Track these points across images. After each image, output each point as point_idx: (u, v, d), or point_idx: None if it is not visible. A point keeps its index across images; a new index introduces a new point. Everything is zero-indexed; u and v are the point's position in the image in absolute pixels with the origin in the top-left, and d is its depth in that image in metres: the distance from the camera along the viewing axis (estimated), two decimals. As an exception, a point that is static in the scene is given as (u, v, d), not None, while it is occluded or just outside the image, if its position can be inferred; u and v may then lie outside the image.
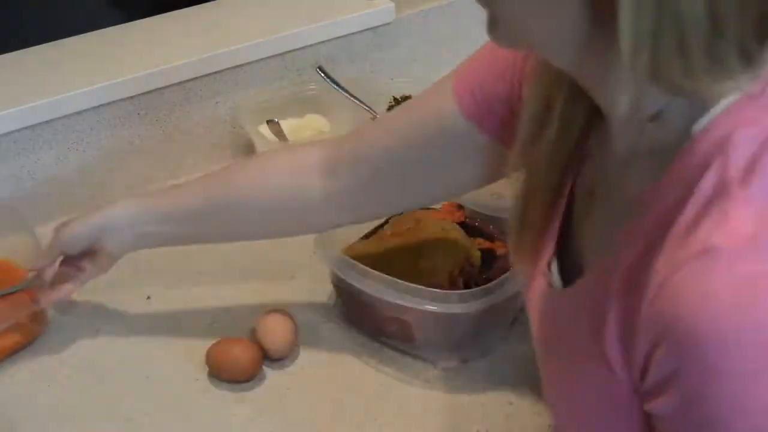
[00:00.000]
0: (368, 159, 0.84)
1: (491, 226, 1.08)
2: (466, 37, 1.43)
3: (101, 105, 1.16)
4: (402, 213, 1.04)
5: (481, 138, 0.76)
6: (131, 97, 1.18)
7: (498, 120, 0.75)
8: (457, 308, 0.89)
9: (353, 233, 1.06)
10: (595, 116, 0.61)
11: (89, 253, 0.95)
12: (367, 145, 0.85)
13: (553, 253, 0.67)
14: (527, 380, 0.95)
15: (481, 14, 0.56)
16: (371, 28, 1.35)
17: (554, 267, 0.66)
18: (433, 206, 1.08)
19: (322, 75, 1.27)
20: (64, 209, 1.20)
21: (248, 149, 1.32)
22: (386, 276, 0.91)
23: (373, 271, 0.92)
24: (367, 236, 1.06)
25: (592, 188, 0.64)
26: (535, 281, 0.69)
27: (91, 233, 0.92)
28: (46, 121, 1.13)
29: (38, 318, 1.00)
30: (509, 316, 1.00)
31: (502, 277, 0.91)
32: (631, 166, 0.58)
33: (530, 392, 0.93)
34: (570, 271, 0.65)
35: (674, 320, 0.48)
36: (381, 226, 1.06)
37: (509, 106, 0.73)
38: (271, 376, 0.95)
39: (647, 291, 0.50)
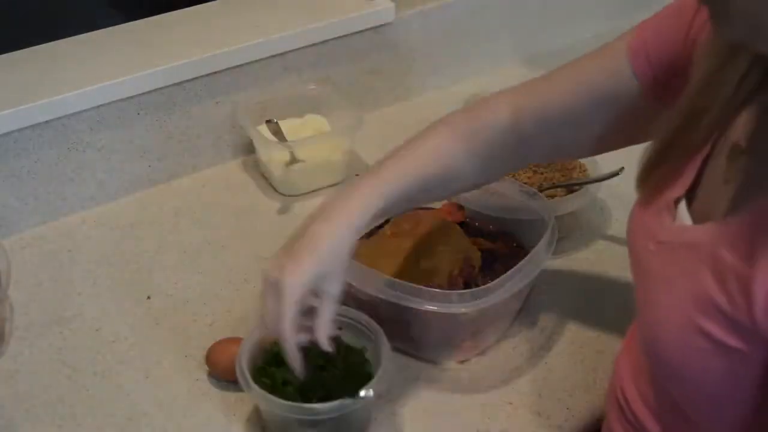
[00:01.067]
0: (544, 109, 0.85)
1: (491, 226, 1.09)
2: (465, 36, 1.44)
3: (101, 105, 1.16)
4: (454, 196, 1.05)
5: (642, 98, 0.78)
6: (131, 97, 1.18)
7: (664, 83, 0.77)
8: (457, 308, 0.89)
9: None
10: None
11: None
12: (539, 96, 0.86)
13: (685, 192, 0.69)
14: (527, 380, 0.95)
15: (480, 14, 0.56)
16: (371, 28, 1.35)
17: (683, 205, 0.69)
18: (442, 201, 1.08)
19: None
20: (63, 210, 1.20)
21: (248, 149, 1.32)
22: (386, 276, 0.91)
23: (373, 271, 0.92)
24: (367, 236, 1.06)
25: (739, 141, 0.66)
26: (651, 213, 0.72)
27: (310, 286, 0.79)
28: (46, 121, 1.13)
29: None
30: (509, 316, 1.00)
31: (502, 277, 0.91)
32: None
33: (530, 392, 0.93)
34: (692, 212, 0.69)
35: None
36: (381, 226, 1.06)
37: (678, 69, 0.75)
38: (271, 376, 0.95)
39: None
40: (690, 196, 0.70)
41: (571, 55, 0.85)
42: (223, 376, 0.94)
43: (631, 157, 1.18)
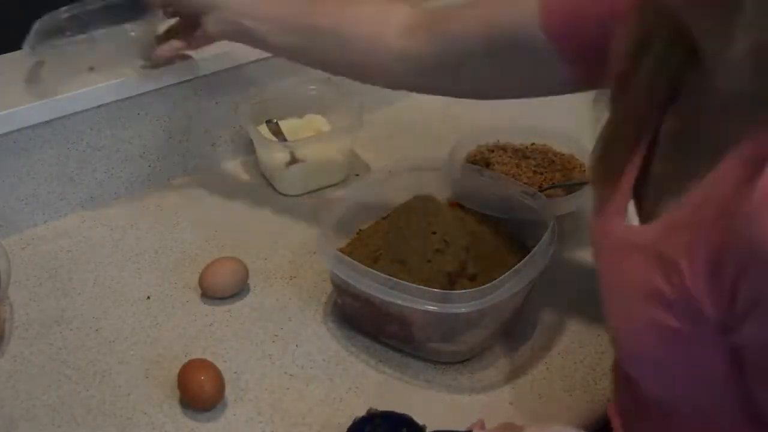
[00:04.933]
0: (444, 36, 0.90)
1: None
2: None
3: (101, 105, 1.16)
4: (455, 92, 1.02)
5: (551, 57, 0.80)
6: (131, 97, 1.18)
7: (580, 47, 0.78)
8: (457, 308, 0.89)
9: (353, 232, 1.06)
10: (690, 59, 0.63)
11: (193, 23, 1.05)
12: (446, 22, 0.90)
13: (632, 192, 0.70)
14: (527, 380, 0.95)
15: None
16: (371, 28, 1.34)
17: (631, 205, 0.69)
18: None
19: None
20: (63, 210, 1.20)
21: (248, 149, 1.32)
22: (386, 276, 0.91)
23: (373, 270, 0.92)
24: (366, 233, 1.06)
25: (677, 132, 0.66)
26: (607, 216, 0.72)
27: (200, 2, 1.02)
28: (46, 121, 1.13)
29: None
30: (509, 316, 1.00)
31: (502, 277, 0.91)
32: (731, 107, 0.60)
33: (530, 392, 0.94)
34: (641, 211, 0.69)
35: (760, 244, 0.51)
36: (381, 219, 1.06)
37: (597, 38, 0.74)
38: (271, 375, 0.95)
39: (738, 218, 0.53)
40: (639, 194, 0.70)
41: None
42: (194, 405, 0.91)
43: (631, 157, 1.18)
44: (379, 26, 0.95)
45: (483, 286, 0.90)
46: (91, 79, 1.15)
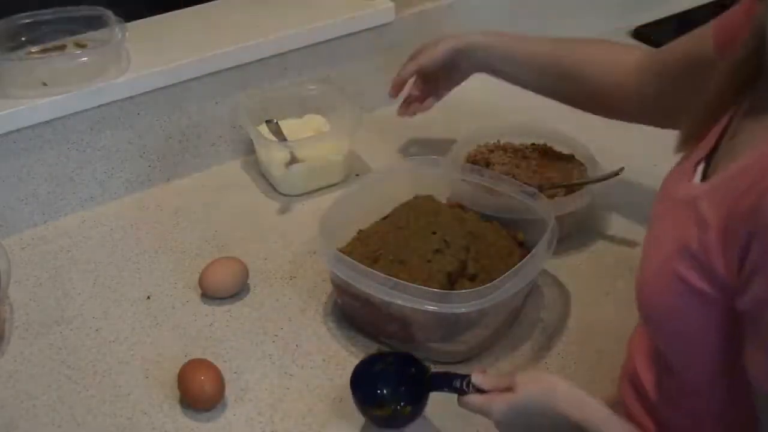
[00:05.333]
0: (657, 74, 1.02)
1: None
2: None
3: (101, 105, 1.16)
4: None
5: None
6: (131, 97, 1.18)
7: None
8: (457, 308, 0.89)
9: (353, 232, 1.06)
10: None
11: (444, 69, 1.19)
12: (657, 63, 1.03)
13: (706, 154, 0.73)
14: (527, 380, 0.95)
15: (479, 15, 0.56)
16: (371, 28, 1.35)
17: (701, 166, 0.73)
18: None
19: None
20: (63, 210, 1.20)
21: (248, 149, 1.32)
22: (386, 276, 0.91)
23: (373, 270, 0.92)
24: (366, 233, 1.06)
25: (750, 109, 0.71)
26: (677, 174, 0.76)
27: (451, 54, 1.17)
28: (46, 121, 1.13)
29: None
30: (509, 316, 1.00)
31: (502, 277, 0.91)
32: None
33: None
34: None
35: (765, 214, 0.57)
36: (382, 219, 1.06)
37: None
38: (271, 376, 0.95)
39: (758, 191, 0.58)
40: (711, 156, 0.73)
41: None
42: (194, 405, 0.91)
43: (631, 158, 1.18)
44: (618, 73, 1.07)
45: (483, 286, 0.90)
46: (92, 80, 1.15)
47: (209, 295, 1.05)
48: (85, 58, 1.14)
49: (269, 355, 0.98)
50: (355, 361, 0.92)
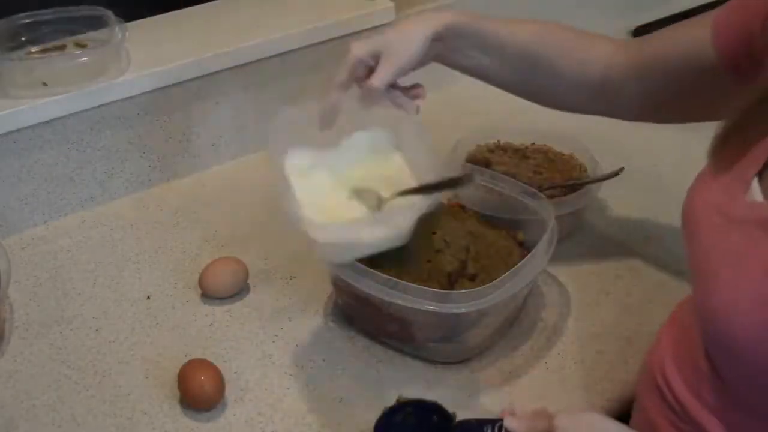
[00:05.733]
0: (635, 67, 0.94)
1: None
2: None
3: (101, 105, 1.16)
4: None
5: (719, 69, 0.84)
6: (131, 97, 1.18)
7: (740, 56, 0.82)
8: (457, 308, 0.89)
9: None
10: None
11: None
12: (640, 55, 0.95)
13: (759, 169, 0.71)
14: (527, 380, 0.95)
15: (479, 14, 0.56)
16: (371, 28, 1.35)
17: (756, 181, 0.70)
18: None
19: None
20: (63, 210, 1.20)
21: (248, 149, 1.32)
22: (386, 276, 0.91)
23: (373, 270, 0.92)
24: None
25: None
26: (718, 187, 0.74)
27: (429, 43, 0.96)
28: (46, 121, 1.13)
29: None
30: (509, 316, 1.00)
31: (503, 277, 0.91)
32: None
33: (530, 392, 0.93)
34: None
35: None
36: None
37: (753, 46, 0.79)
38: (271, 375, 0.95)
39: None
40: (763, 173, 0.71)
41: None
42: (194, 405, 0.91)
43: (631, 158, 1.18)
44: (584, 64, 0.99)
45: (483, 286, 0.90)
46: (92, 80, 1.15)
47: (209, 295, 1.05)
48: (85, 58, 1.14)
49: (269, 355, 0.98)
50: (356, 361, 0.92)
